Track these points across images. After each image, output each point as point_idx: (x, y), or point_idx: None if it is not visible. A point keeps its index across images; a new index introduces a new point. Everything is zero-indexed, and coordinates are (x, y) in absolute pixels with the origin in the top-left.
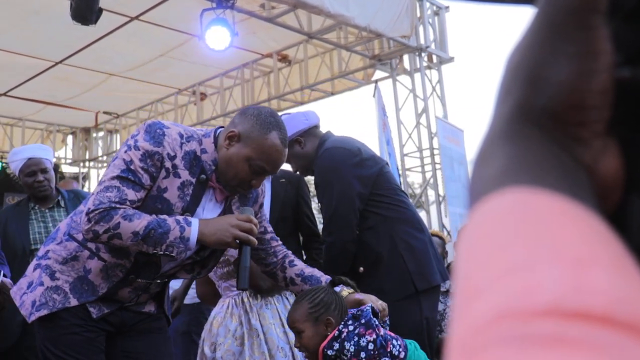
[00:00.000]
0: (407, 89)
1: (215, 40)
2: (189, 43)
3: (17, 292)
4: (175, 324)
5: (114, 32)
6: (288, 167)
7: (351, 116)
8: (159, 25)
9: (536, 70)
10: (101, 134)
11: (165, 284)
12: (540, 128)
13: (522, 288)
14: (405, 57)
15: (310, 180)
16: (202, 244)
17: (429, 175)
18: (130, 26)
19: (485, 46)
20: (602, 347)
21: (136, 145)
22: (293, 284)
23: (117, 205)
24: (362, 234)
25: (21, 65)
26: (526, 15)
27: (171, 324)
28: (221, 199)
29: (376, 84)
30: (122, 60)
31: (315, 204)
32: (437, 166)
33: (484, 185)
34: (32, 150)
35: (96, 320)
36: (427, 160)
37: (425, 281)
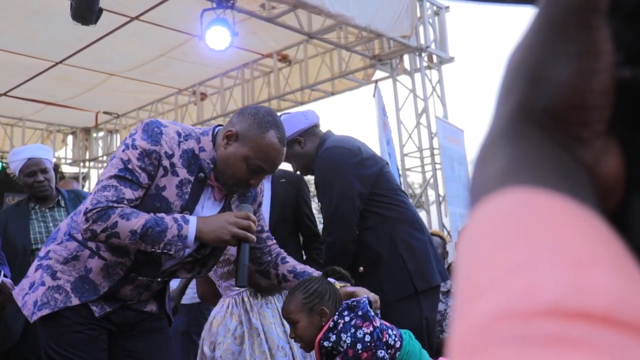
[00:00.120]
0: (407, 89)
1: (216, 40)
2: (189, 43)
3: (19, 293)
4: (175, 324)
5: (114, 32)
6: (288, 167)
7: (351, 116)
8: (159, 25)
9: (537, 70)
10: (101, 134)
11: (167, 282)
12: (541, 128)
13: (523, 288)
14: (406, 57)
15: (311, 180)
16: (201, 241)
17: (429, 175)
18: (130, 26)
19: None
20: (603, 347)
21: (134, 144)
22: (285, 280)
23: (115, 205)
24: (362, 234)
25: (21, 65)
26: (527, 15)
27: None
28: (220, 197)
29: (376, 84)
30: (122, 60)
31: (315, 204)
32: (437, 166)
33: (485, 185)
34: (32, 151)
35: (98, 319)
36: (427, 160)
37: (425, 281)
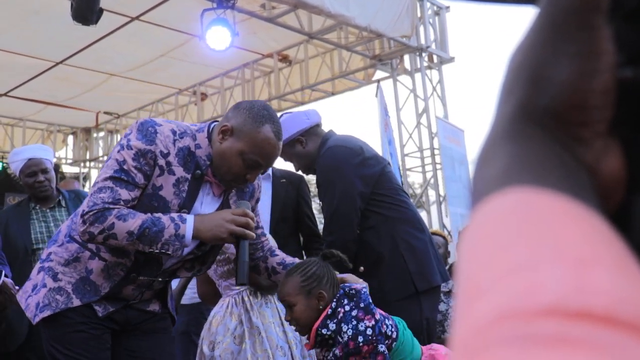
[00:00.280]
0: (407, 89)
1: (216, 40)
2: (190, 43)
3: (22, 296)
4: (174, 324)
5: (114, 32)
6: (289, 167)
7: (352, 116)
8: (159, 25)
9: (538, 70)
10: (102, 134)
11: (168, 281)
12: (543, 128)
13: (524, 288)
14: (406, 57)
15: (311, 180)
16: (198, 240)
17: (429, 175)
18: (130, 26)
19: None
20: (604, 347)
21: (129, 145)
22: (275, 272)
23: (111, 206)
24: (363, 234)
25: (21, 66)
26: (528, 15)
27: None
28: (219, 193)
29: (379, 83)
30: (122, 61)
31: (315, 204)
32: (438, 166)
33: (486, 185)
34: (32, 151)
35: (101, 319)
36: (428, 161)
37: (425, 281)
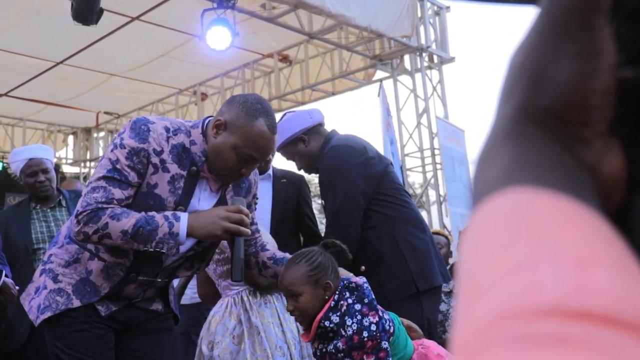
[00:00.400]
0: (407, 89)
1: (216, 40)
2: (190, 43)
3: (25, 298)
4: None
5: (114, 32)
6: (290, 167)
7: (352, 116)
8: (159, 25)
9: (539, 70)
10: (102, 134)
11: (169, 280)
12: (543, 128)
13: (524, 288)
14: (406, 57)
15: (311, 180)
16: (193, 238)
17: (429, 175)
18: (131, 26)
19: (486, 46)
20: (604, 347)
21: (122, 144)
22: (265, 267)
23: (104, 206)
24: (364, 233)
25: (22, 66)
26: (528, 15)
27: None
28: (216, 188)
29: (381, 83)
30: (122, 61)
31: (316, 204)
32: (438, 166)
33: (487, 185)
34: (33, 151)
35: (104, 318)
36: (428, 161)
37: (426, 281)
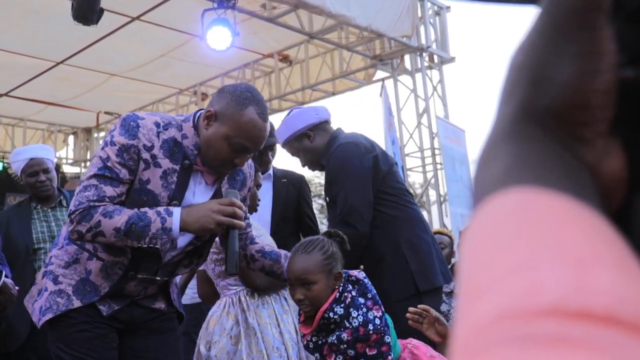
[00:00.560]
0: (408, 89)
1: (217, 40)
2: (190, 43)
3: (29, 300)
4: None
5: (115, 32)
6: (290, 167)
7: (352, 116)
8: (160, 25)
9: (540, 70)
10: (102, 134)
11: (170, 276)
12: (544, 128)
13: (524, 288)
14: (407, 57)
15: (311, 180)
16: (186, 232)
17: (430, 175)
18: (131, 26)
19: (486, 46)
20: (604, 347)
21: (112, 141)
22: (253, 260)
23: (96, 204)
24: None
25: (22, 66)
26: (529, 15)
27: None
28: (211, 181)
29: (383, 83)
30: (123, 61)
31: (316, 204)
32: (439, 166)
33: (487, 185)
34: (34, 151)
35: (106, 318)
36: (429, 160)
37: (427, 282)
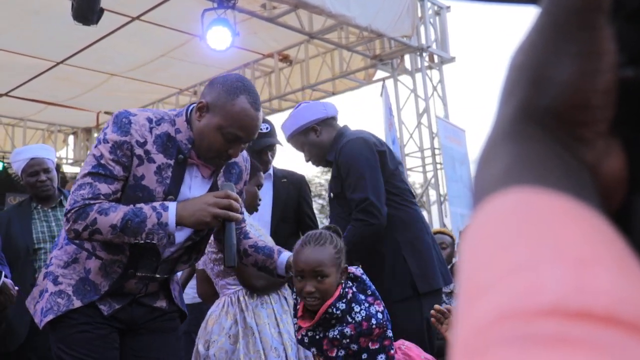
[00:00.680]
0: (408, 89)
1: (217, 40)
2: (190, 43)
3: (30, 302)
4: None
5: (115, 32)
6: (290, 168)
7: (352, 116)
8: (160, 25)
9: (539, 70)
10: None
11: (170, 273)
12: (544, 128)
13: (524, 288)
14: (407, 57)
15: (312, 180)
16: (183, 226)
17: (430, 175)
18: (131, 26)
19: (486, 46)
20: (604, 347)
21: (105, 139)
22: (246, 255)
23: (91, 202)
24: None
25: (22, 66)
26: (529, 15)
27: None
28: (208, 174)
29: (384, 83)
30: (123, 61)
31: (316, 204)
32: (439, 166)
33: (487, 185)
34: (34, 150)
35: (106, 318)
36: (429, 160)
37: (427, 284)
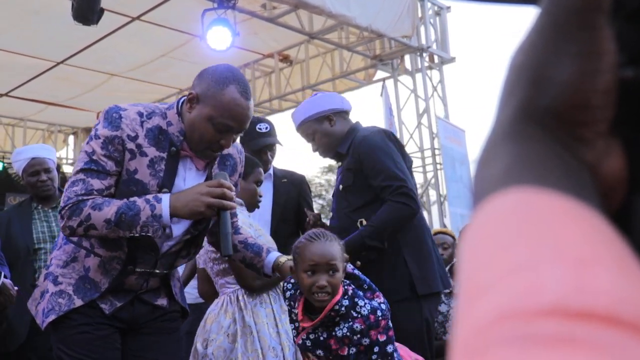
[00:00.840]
0: (408, 89)
1: (217, 40)
2: (191, 43)
3: (32, 303)
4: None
5: (115, 32)
6: (290, 168)
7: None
8: (160, 25)
9: (540, 70)
10: None
11: (169, 269)
12: (544, 128)
13: (524, 288)
14: (407, 57)
15: (312, 180)
16: (177, 218)
17: (430, 175)
18: (131, 26)
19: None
20: (604, 347)
21: (96, 135)
22: (235, 250)
23: (85, 197)
24: None
25: (22, 66)
26: (529, 15)
27: None
28: (202, 166)
29: (384, 83)
30: (123, 61)
31: (316, 204)
32: (439, 166)
33: (487, 185)
34: (35, 150)
35: (108, 317)
36: (429, 161)
37: (426, 286)
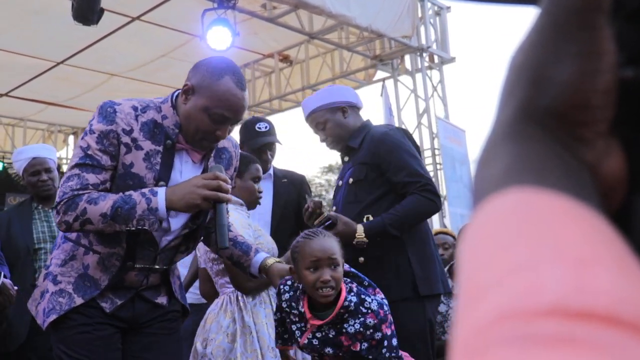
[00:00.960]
0: (408, 89)
1: (217, 40)
2: (191, 43)
3: (32, 303)
4: (184, 324)
5: (115, 32)
6: (290, 167)
7: None
8: (160, 25)
9: (540, 70)
10: None
11: (169, 264)
12: (544, 128)
13: (524, 288)
14: (407, 57)
15: (312, 180)
16: (174, 210)
17: (430, 175)
18: (131, 26)
19: (486, 46)
20: (605, 347)
21: (91, 129)
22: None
23: (80, 192)
24: None
25: (22, 66)
26: (529, 15)
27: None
28: (199, 159)
29: (384, 83)
30: (123, 61)
31: None
32: (439, 166)
33: (487, 185)
34: (36, 150)
35: (108, 317)
36: (429, 161)
37: (428, 287)
